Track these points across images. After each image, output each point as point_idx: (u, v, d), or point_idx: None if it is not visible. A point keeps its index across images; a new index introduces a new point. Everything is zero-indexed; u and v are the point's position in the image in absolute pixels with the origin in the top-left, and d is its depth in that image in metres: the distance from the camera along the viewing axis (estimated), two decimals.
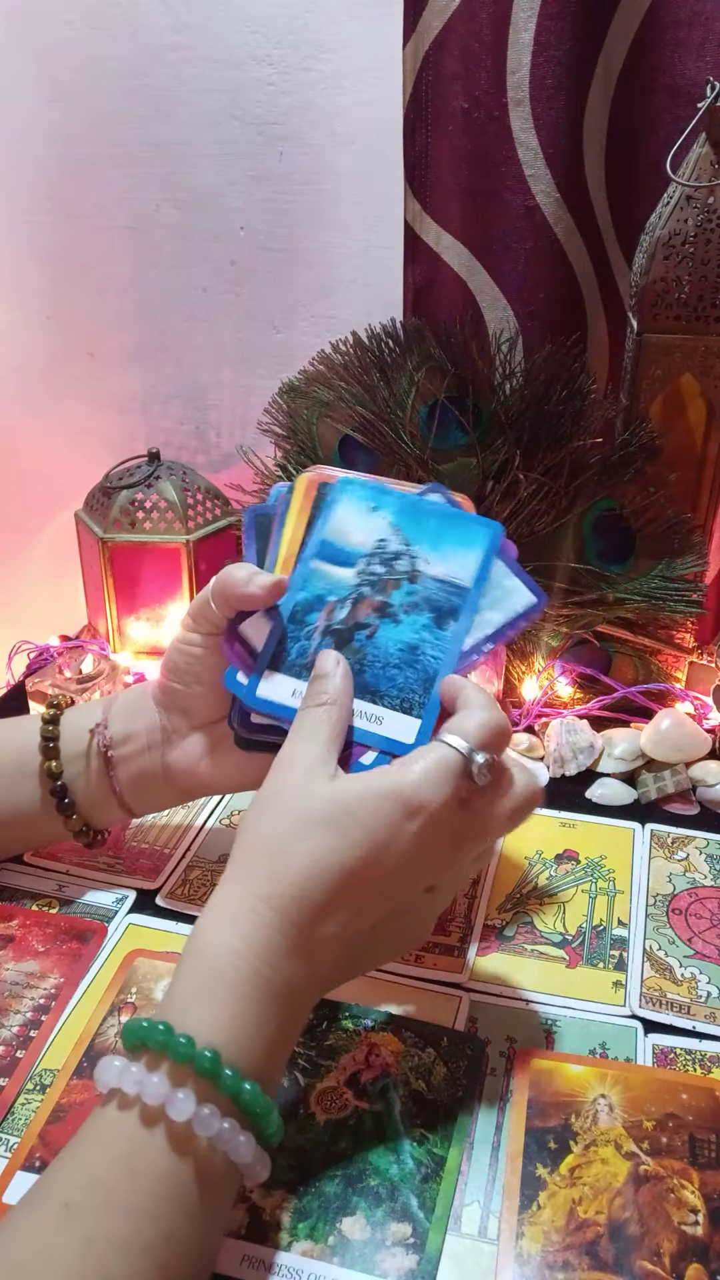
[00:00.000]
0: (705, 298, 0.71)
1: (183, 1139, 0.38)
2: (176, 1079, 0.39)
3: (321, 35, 0.87)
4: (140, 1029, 0.40)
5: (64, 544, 0.95)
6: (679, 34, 0.74)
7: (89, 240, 1.00)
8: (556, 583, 0.77)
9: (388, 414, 0.78)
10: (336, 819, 0.43)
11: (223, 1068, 0.39)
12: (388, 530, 0.53)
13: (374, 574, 0.52)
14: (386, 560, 0.53)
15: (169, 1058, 0.39)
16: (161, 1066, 0.39)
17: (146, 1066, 0.39)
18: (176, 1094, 0.38)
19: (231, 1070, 0.39)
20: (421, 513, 0.54)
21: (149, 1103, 0.38)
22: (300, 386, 0.82)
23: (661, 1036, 0.53)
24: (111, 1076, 0.39)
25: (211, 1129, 0.38)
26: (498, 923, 0.60)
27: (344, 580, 0.52)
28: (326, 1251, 0.42)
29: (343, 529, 0.53)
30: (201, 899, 0.61)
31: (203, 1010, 0.40)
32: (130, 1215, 0.36)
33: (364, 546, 0.53)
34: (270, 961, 0.42)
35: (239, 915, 0.42)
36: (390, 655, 0.51)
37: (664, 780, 0.71)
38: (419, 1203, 0.44)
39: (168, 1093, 0.38)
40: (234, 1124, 0.39)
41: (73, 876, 0.63)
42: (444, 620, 0.52)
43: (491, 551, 0.53)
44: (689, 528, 0.77)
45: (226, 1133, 0.38)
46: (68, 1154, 0.39)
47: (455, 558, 0.53)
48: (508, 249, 0.80)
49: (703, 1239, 0.43)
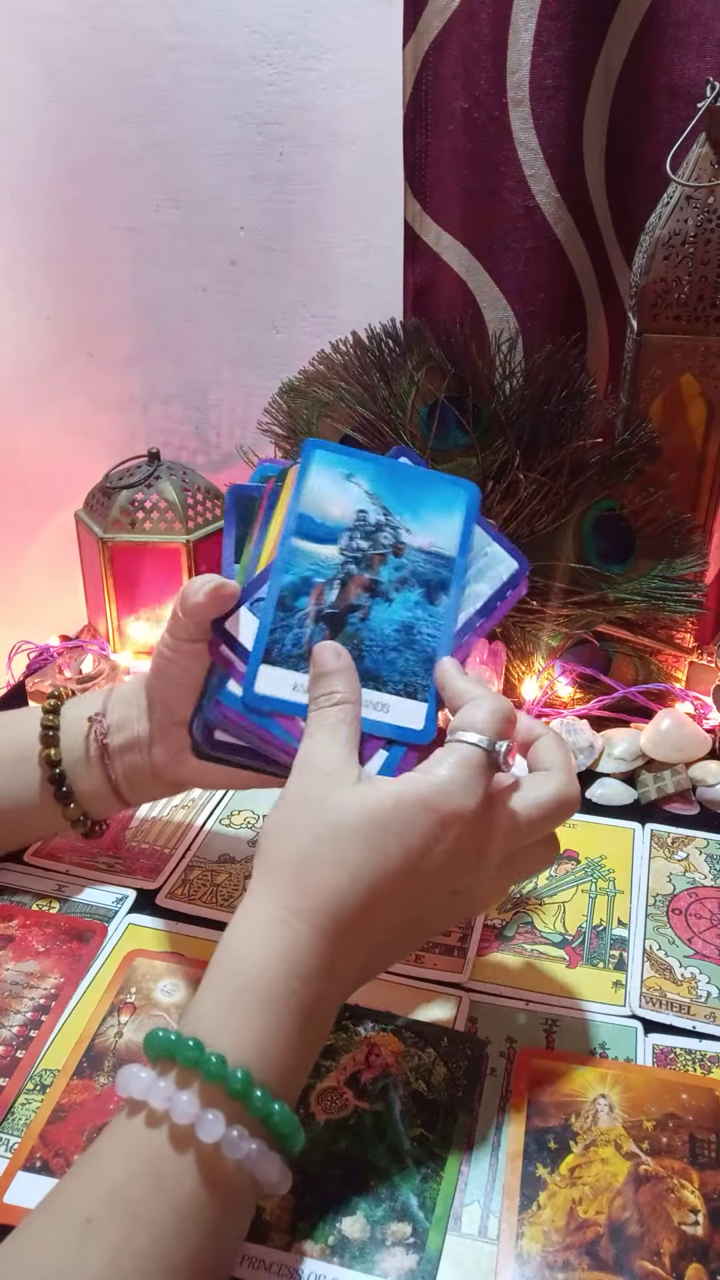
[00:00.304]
0: (705, 298, 0.71)
1: (210, 1159, 0.37)
2: (207, 1098, 0.38)
3: (321, 35, 0.87)
4: (169, 1042, 0.39)
5: (64, 544, 0.95)
6: (679, 34, 0.74)
7: (89, 240, 1.00)
8: (556, 583, 0.77)
9: (388, 414, 0.78)
10: (368, 831, 0.43)
11: (254, 1089, 0.38)
12: (365, 500, 0.51)
13: (358, 549, 0.51)
14: (369, 533, 0.51)
15: (199, 1076, 0.38)
16: (192, 1085, 0.38)
17: (176, 1083, 0.38)
18: (206, 1115, 0.37)
19: (262, 1091, 0.38)
20: (396, 477, 0.52)
21: (178, 1121, 0.37)
22: (300, 386, 0.82)
23: (661, 1036, 0.53)
24: (137, 1088, 0.39)
25: (240, 1151, 0.38)
26: (498, 923, 0.60)
27: (329, 558, 0.50)
28: (327, 1251, 0.42)
29: (319, 501, 0.51)
30: (201, 899, 0.61)
31: (233, 1027, 0.40)
32: (155, 1234, 0.36)
33: (344, 520, 0.51)
34: (302, 976, 0.41)
35: (270, 929, 0.42)
36: (387, 638, 0.50)
37: (664, 780, 0.71)
38: (419, 1203, 0.44)
39: (198, 1113, 0.37)
40: (262, 1145, 0.38)
41: (73, 876, 0.63)
42: (435, 595, 0.51)
43: (471, 515, 0.52)
44: (689, 528, 0.77)
45: (255, 1154, 0.38)
46: (89, 1164, 0.38)
47: (436, 525, 0.51)
48: (508, 249, 0.80)
49: (703, 1239, 0.43)
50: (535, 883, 0.63)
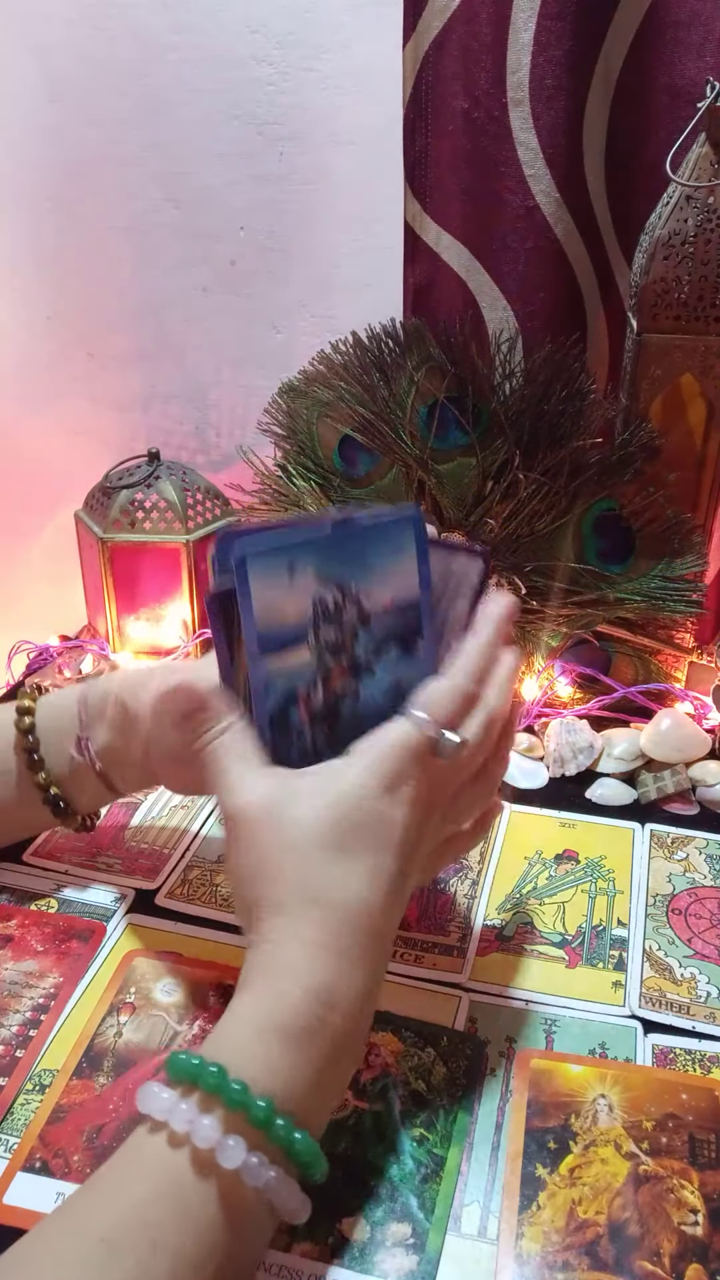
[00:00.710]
0: (705, 298, 0.71)
1: (230, 1185, 0.37)
2: (228, 1125, 0.38)
3: (321, 35, 0.87)
4: (191, 1068, 0.39)
5: (64, 544, 0.95)
6: (679, 34, 0.74)
7: (89, 240, 1.00)
8: (556, 583, 0.77)
9: (388, 414, 0.78)
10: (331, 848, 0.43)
11: (276, 1117, 0.38)
12: (316, 585, 0.47)
13: (327, 640, 0.47)
14: (331, 618, 0.47)
15: (221, 1102, 0.38)
16: (214, 1110, 0.38)
17: (199, 1106, 0.38)
18: (227, 1141, 0.37)
19: (284, 1120, 0.38)
20: (338, 544, 0.47)
21: (199, 1145, 0.37)
22: (300, 386, 0.82)
23: (661, 1036, 0.53)
24: (159, 1108, 0.38)
25: (260, 1179, 0.37)
26: (498, 923, 0.60)
27: (303, 663, 0.47)
28: (326, 1252, 0.42)
29: (272, 611, 0.46)
30: (201, 899, 0.61)
31: (255, 1054, 0.39)
32: (173, 1262, 0.35)
33: (304, 615, 0.47)
34: (327, 1002, 0.41)
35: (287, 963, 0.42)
36: (381, 705, 0.48)
37: (664, 780, 0.71)
38: (419, 1203, 0.44)
39: (219, 1138, 0.37)
40: (281, 1172, 0.38)
41: (72, 876, 0.63)
42: (411, 643, 0.49)
43: (422, 543, 0.49)
44: (689, 528, 0.77)
45: (274, 1182, 0.38)
46: (107, 1182, 0.38)
47: (393, 573, 0.48)
48: (508, 249, 0.80)
49: (703, 1239, 0.43)
50: (535, 883, 0.63)
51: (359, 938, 0.42)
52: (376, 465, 0.81)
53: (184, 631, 0.90)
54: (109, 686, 0.57)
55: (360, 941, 0.42)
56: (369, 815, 0.44)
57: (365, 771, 0.45)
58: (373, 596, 0.48)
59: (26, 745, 0.58)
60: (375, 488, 0.81)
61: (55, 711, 0.58)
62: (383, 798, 0.44)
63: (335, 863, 0.43)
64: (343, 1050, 0.42)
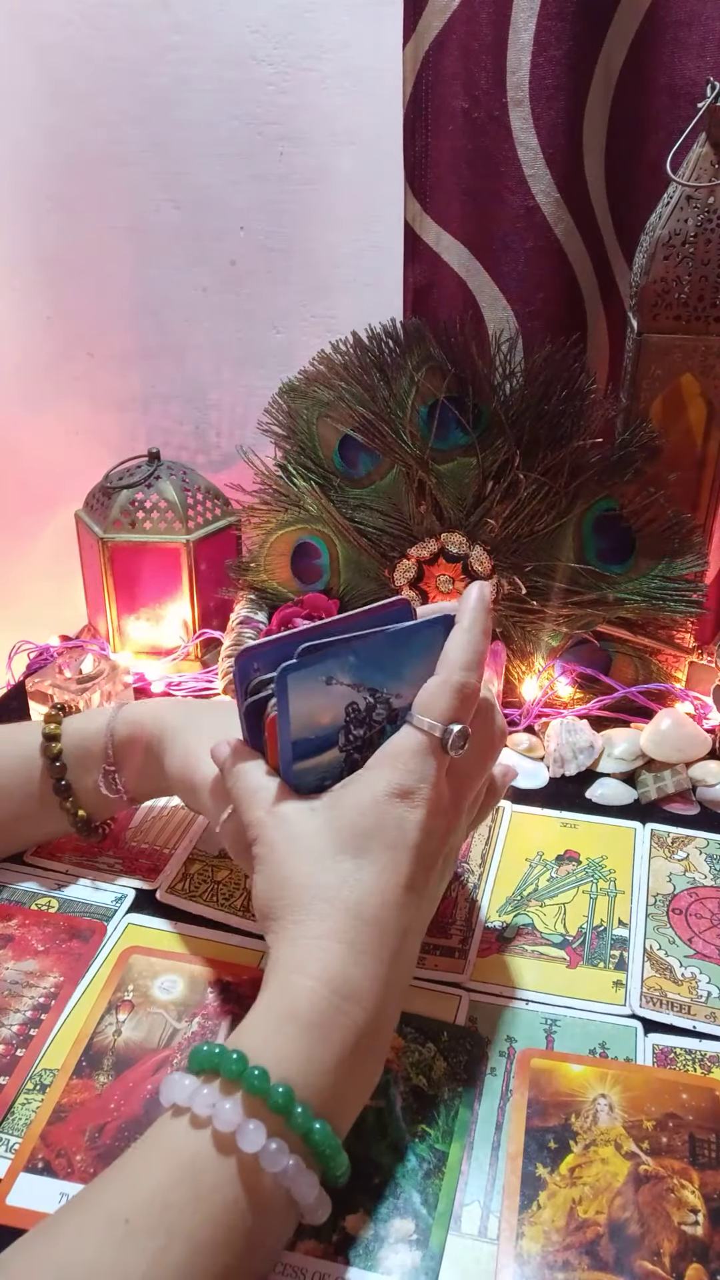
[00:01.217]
0: (705, 298, 0.71)
1: (250, 1170, 0.38)
2: (249, 1109, 0.38)
3: (321, 35, 0.87)
4: (212, 1055, 0.39)
5: (64, 544, 0.95)
6: (679, 34, 0.74)
7: (89, 240, 1.00)
8: (556, 583, 0.77)
9: (388, 414, 0.78)
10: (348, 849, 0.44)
11: (295, 1104, 0.38)
12: (350, 693, 0.48)
13: (356, 738, 0.49)
14: (361, 720, 0.49)
15: (242, 1088, 0.38)
16: (235, 1095, 0.38)
17: (220, 1091, 0.39)
18: (248, 1124, 0.38)
19: (303, 1108, 0.39)
20: (373, 652, 0.48)
21: (220, 1129, 0.38)
22: (300, 386, 0.82)
23: (661, 1036, 0.53)
24: (181, 1094, 0.39)
25: (278, 1165, 0.38)
26: (498, 923, 0.60)
27: (333, 761, 0.49)
28: (330, 1249, 0.42)
29: (307, 720, 0.47)
30: (202, 895, 0.61)
31: (277, 1044, 0.40)
32: (192, 1246, 0.36)
33: (336, 721, 0.48)
34: (348, 995, 0.42)
35: (304, 956, 0.42)
36: None
37: (664, 780, 0.71)
38: (421, 1199, 0.44)
39: (240, 1121, 0.38)
40: (299, 1162, 0.38)
41: (72, 876, 0.63)
42: None
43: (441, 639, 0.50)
44: (689, 528, 0.77)
45: (291, 1170, 0.38)
46: (129, 1165, 0.38)
47: (423, 670, 0.49)
48: (507, 249, 0.80)
49: (703, 1239, 0.43)
50: (536, 884, 0.63)
51: (368, 929, 0.43)
52: (376, 465, 0.81)
53: (184, 631, 0.90)
54: (135, 725, 0.60)
55: (370, 933, 0.43)
56: (382, 819, 0.45)
57: (376, 779, 0.46)
58: (403, 695, 0.49)
59: (54, 772, 0.60)
60: (375, 488, 0.81)
61: (82, 740, 0.60)
62: (395, 802, 0.45)
63: (346, 864, 0.44)
64: (365, 1043, 0.42)
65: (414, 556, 0.80)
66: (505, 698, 0.79)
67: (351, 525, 0.80)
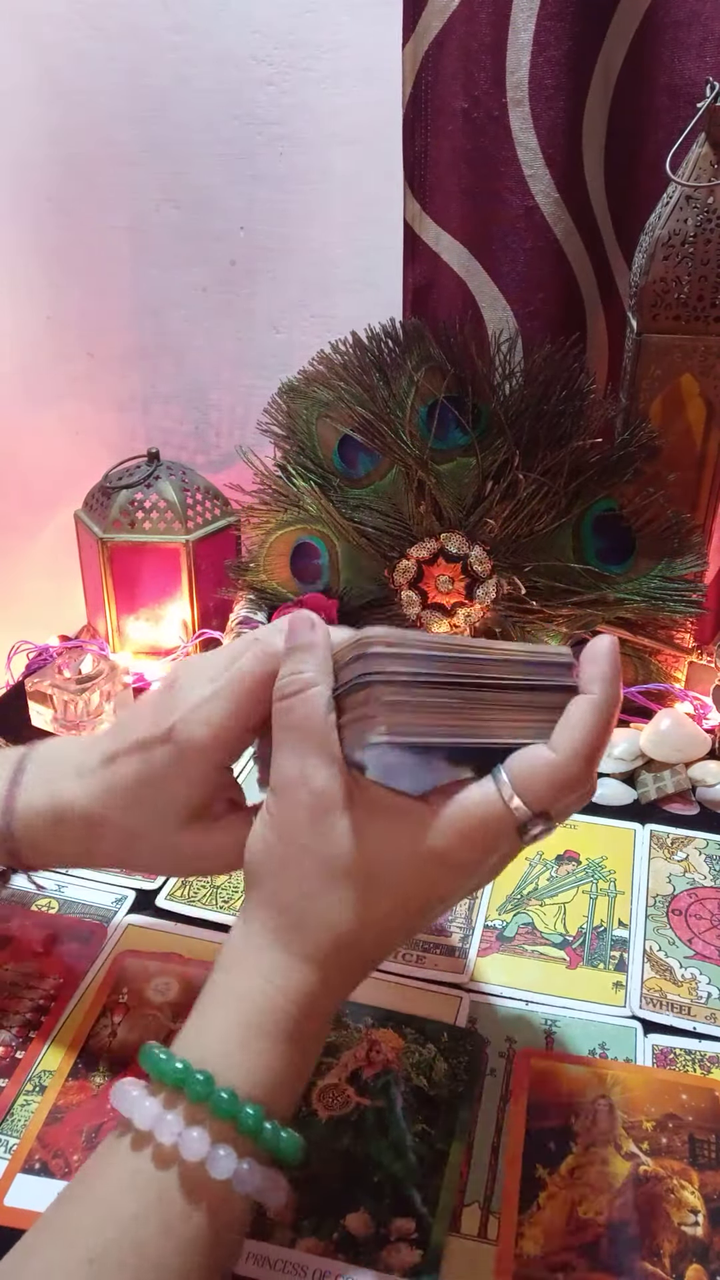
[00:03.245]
0: (705, 298, 0.71)
1: (221, 1194, 0.37)
2: (217, 1134, 0.37)
3: (321, 35, 0.87)
4: (175, 1072, 0.37)
5: (64, 544, 0.95)
6: (679, 34, 0.74)
7: (89, 240, 1.00)
8: (556, 583, 0.77)
9: (387, 414, 0.78)
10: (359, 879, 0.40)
11: (264, 1123, 0.38)
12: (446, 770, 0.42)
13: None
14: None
15: (210, 1113, 0.37)
16: (202, 1121, 0.37)
17: (185, 1118, 0.37)
18: (217, 1151, 0.36)
19: (272, 1125, 0.38)
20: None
21: (188, 1159, 0.36)
22: (300, 386, 0.82)
23: (661, 1037, 0.53)
24: (142, 1117, 0.37)
25: (249, 1184, 0.37)
26: (498, 923, 0.60)
27: None
28: (331, 1247, 0.43)
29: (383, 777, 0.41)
30: (201, 900, 0.61)
31: (240, 1061, 0.39)
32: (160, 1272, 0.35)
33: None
34: (309, 1012, 0.40)
35: (274, 969, 0.41)
36: None
37: (664, 780, 0.71)
38: (422, 1198, 0.44)
39: (209, 1150, 0.36)
40: (268, 1174, 0.38)
41: (72, 876, 0.63)
42: None
43: None
44: (689, 528, 0.77)
45: (263, 1183, 0.37)
46: (92, 1195, 0.37)
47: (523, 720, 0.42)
48: (507, 249, 0.80)
49: (703, 1239, 0.43)
50: (536, 884, 0.63)
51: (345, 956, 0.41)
52: (376, 465, 0.81)
53: (183, 631, 0.90)
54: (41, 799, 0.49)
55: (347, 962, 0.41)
56: (412, 872, 0.41)
57: (430, 827, 0.40)
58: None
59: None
60: (375, 488, 0.81)
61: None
62: (434, 861, 0.40)
63: (352, 890, 0.40)
64: (314, 1050, 0.42)
65: (413, 556, 0.80)
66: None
67: (351, 525, 0.80)
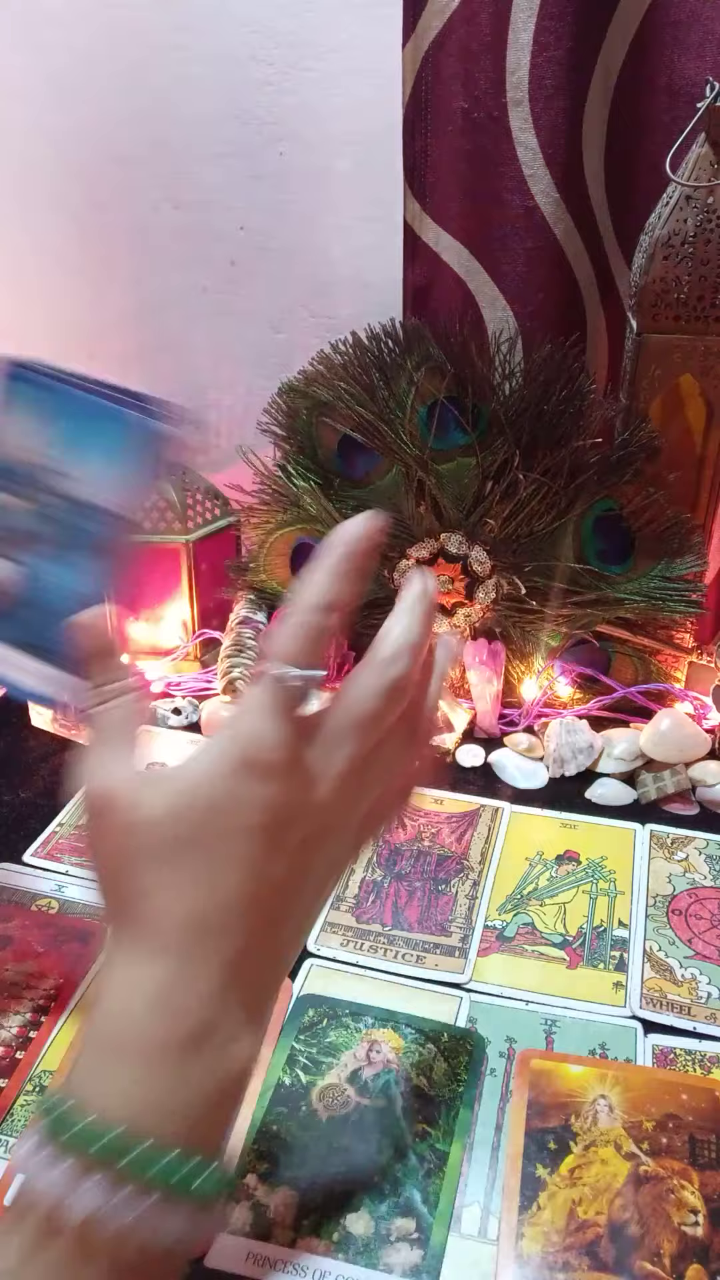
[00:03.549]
0: (705, 298, 0.71)
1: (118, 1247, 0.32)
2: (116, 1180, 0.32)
3: (321, 35, 0.87)
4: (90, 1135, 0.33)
5: None
6: (679, 34, 0.74)
7: (89, 240, 1.00)
8: (556, 583, 0.77)
9: (387, 414, 0.78)
10: (182, 833, 0.36)
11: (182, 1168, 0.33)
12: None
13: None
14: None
15: (128, 1170, 0.32)
16: (123, 1182, 0.32)
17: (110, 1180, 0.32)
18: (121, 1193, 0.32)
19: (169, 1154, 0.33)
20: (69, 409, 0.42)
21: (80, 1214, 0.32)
22: (300, 386, 0.82)
23: (661, 1037, 0.53)
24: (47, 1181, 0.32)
25: (169, 1235, 0.33)
26: (498, 923, 0.60)
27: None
28: (331, 1247, 0.43)
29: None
30: None
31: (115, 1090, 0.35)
32: None
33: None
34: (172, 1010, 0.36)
35: (131, 978, 0.37)
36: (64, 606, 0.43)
37: (664, 780, 0.71)
38: (422, 1198, 0.45)
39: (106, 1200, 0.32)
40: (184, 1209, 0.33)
41: (72, 876, 0.63)
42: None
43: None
44: (688, 528, 0.77)
45: (187, 1227, 0.33)
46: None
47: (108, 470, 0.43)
48: (507, 249, 0.80)
49: (703, 1239, 0.43)
50: (536, 884, 0.63)
51: (199, 937, 0.36)
52: (376, 465, 0.81)
53: (183, 631, 0.90)
54: None
55: (201, 941, 0.36)
56: (221, 797, 0.36)
57: (220, 749, 0.37)
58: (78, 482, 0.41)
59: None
60: (374, 488, 0.81)
61: None
62: (238, 774, 0.36)
63: (178, 859, 0.36)
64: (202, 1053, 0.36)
65: (413, 556, 0.80)
66: (504, 698, 0.79)
67: None
